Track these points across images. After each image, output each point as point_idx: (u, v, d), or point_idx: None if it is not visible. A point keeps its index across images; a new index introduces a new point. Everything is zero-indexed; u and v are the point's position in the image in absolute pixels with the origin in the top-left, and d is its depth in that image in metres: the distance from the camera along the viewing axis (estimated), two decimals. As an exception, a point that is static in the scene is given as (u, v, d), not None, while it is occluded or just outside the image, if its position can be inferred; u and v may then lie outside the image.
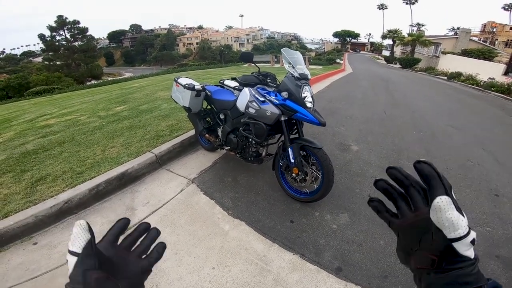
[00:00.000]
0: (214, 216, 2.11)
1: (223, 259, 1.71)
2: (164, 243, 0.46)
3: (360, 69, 17.79)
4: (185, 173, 2.72)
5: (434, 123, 5.11)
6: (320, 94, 7.18)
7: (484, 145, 3.98)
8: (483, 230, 2.03)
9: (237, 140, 2.44)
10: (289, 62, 2.06)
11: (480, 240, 1.91)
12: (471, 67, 15.76)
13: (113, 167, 2.47)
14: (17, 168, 2.58)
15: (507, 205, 2.38)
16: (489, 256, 1.77)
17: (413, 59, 24.26)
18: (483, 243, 1.89)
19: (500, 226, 2.08)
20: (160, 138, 3.11)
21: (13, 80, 21.41)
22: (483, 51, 19.85)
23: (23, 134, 3.75)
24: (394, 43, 31.53)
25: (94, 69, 33.70)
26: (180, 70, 17.90)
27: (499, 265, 1.70)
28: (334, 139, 3.80)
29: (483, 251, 1.81)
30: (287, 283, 1.55)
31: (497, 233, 2.00)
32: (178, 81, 2.79)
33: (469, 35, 25.53)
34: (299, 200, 2.23)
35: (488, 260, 1.74)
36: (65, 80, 23.13)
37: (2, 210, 1.94)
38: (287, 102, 2.00)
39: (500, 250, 1.82)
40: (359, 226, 2.02)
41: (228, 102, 2.53)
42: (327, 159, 1.96)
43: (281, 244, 1.84)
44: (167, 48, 68.60)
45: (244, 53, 2.31)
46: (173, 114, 4.09)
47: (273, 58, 17.40)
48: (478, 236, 1.93)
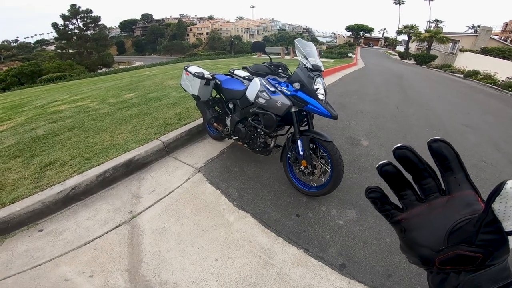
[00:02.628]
0: (219, 206, 2.10)
1: (227, 251, 1.70)
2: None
3: (373, 64, 17.35)
4: (192, 161, 2.71)
5: (448, 121, 4.95)
6: (331, 88, 7.03)
7: (498, 146, 3.85)
8: None
9: (245, 130, 2.41)
10: (302, 53, 2.00)
11: None
12: (490, 66, 15.20)
13: (120, 153, 2.47)
14: (27, 152, 2.61)
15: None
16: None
17: (429, 56, 23.49)
18: None
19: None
20: (168, 126, 3.10)
21: (26, 67, 21.71)
22: (503, 50, 19.12)
23: (34, 119, 3.79)
24: (409, 39, 30.56)
25: (106, 57, 33.95)
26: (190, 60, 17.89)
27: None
28: (344, 133, 3.73)
29: None
30: (290, 278, 1.54)
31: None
32: (188, 69, 2.77)
33: (490, 34, 24.45)
34: (306, 194, 2.20)
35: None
36: (76, 68, 23.40)
37: (10, 195, 1.94)
38: (299, 93, 1.95)
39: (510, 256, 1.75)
40: (365, 223, 1.97)
41: (237, 92, 2.50)
42: (337, 152, 1.91)
43: (285, 238, 1.82)
44: (177, 37, 68.47)
45: (256, 42, 2.26)
46: (182, 102, 4.08)
47: (284, 50, 17.18)
48: None
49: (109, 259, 1.61)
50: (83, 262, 1.58)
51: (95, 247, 1.69)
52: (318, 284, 1.50)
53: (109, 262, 1.59)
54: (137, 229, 1.85)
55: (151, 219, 1.94)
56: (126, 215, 1.96)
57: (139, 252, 1.66)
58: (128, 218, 1.94)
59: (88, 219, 1.92)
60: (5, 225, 1.75)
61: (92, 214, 1.96)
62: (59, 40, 33.98)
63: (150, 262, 1.60)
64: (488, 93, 10.10)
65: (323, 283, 1.51)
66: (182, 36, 70.44)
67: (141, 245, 1.72)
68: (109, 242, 1.73)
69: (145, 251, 1.67)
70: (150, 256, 1.63)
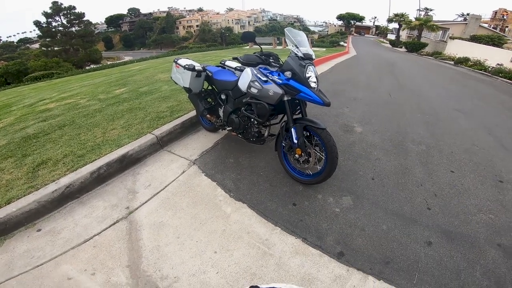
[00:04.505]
0: (215, 198, 2.10)
1: (225, 243, 1.70)
2: None
3: (365, 52, 17.33)
4: (186, 154, 2.69)
5: (440, 107, 5.01)
6: (323, 76, 7.02)
7: (490, 130, 3.91)
8: (486, 217, 1.99)
9: (239, 120, 2.39)
10: (293, 42, 1.98)
11: (482, 228, 1.88)
12: (479, 53, 15.37)
13: (114, 149, 2.43)
14: (18, 153, 2.55)
15: (510, 192, 2.34)
16: (491, 244, 1.74)
17: (420, 43, 23.56)
18: (484, 231, 1.86)
19: (503, 214, 2.04)
20: (160, 120, 3.06)
21: (11, 67, 21.13)
22: (493, 38, 19.36)
23: (23, 118, 3.70)
24: (400, 27, 30.54)
25: (93, 53, 33.18)
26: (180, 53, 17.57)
27: (500, 254, 1.67)
28: (338, 120, 3.74)
29: (484, 239, 1.78)
30: (289, 267, 1.55)
31: (499, 221, 1.96)
32: (178, 62, 2.73)
33: (479, 21, 24.72)
34: (301, 182, 2.21)
35: (489, 248, 1.71)
36: (63, 65, 22.78)
37: (5, 196, 1.90)
38: (291, 81, 1.93)
39: (502, 239, 1.79)
40: (361, 210, 1.99)
41: (229, 83, 2.47)
42: (331, 139, 1.91)
43: (283, 227, 1.82)
44: (167, 31, 67.03)
45: (246, 32, 2.25)
46: (174, 96, 4.03)
47: (275, 40, 17.03)
48: (481, 223, 1.89)
49: (109, 256, 1.60)
50: (83, 260, 1.58)
51: (94, 244, 1.68)
52: (317, 273, 1.51)
53: (110, 259, 1.58)
54: (135, 224, 1.84)
55: (148, 214, 1.93)
56: (123, 211, 1.95)
57: (139, 248, 1.66)
58: (125, 214, 1.93)
59: (85, 217, 1.90)
60: (3, 226, 1.73)
61: (89, 212, 1.94)
62: (43, 38, 33.05)
63: (150, 257, 1.60)
64: (478, 79, 10.21)
65: (322, 271, 1.52)
66: (172, 29, 68.97)
67: (140, 240, 1.71)
68: (108, 239, 1.72)
69: (144, 246, 1.67)
70: (150, 251, 1.63)
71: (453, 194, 2.24)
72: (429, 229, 1.84)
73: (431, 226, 1.87)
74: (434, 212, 2.01)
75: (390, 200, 2.12)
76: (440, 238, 1.77)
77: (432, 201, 2.14)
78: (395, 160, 2.75)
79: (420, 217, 1.95)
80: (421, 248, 1.68)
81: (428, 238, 1.76)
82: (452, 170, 2.62)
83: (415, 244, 1.71)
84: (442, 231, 1.83)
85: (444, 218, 1.95)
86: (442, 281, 1.48)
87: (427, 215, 1.98)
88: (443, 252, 1.66)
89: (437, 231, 1.83)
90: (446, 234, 1.81)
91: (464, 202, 2.15)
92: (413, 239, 1.75)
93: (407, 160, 2.77)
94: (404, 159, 2.78)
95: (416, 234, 1.79)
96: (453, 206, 2.09)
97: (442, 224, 1.89)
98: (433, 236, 1.78)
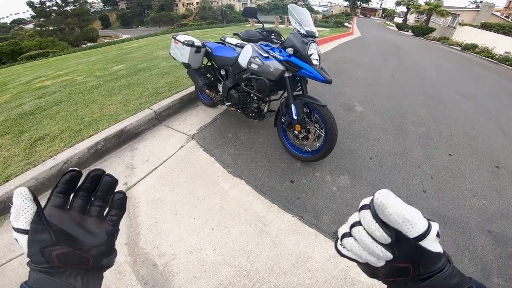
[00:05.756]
0: (214, 174, 2.09)
1: (223, 220, 1.70)
2: (123, 192, 0.37)
3: (369, 34, 16.80)
4: (185, 129, 2.67)
5: (443, 90, 4.93)
6: (326, 55, 6.84)
7: (491, 115, 3.88)
8: (479, 202, 2.00)
9: (238, 96, 2.36)
10: (296, 19, 1.92)
11: (474, 213, 1.89)
12: (488, 40, 14.98)
13: (111, 124, 2.41)
14: (15, 129, 2.52)
15: (506, 178, 2.34)
16: (481, 230, 1.75)
17: (427, 28, 22.82)
18: (476, 216, 1.86)
19: (496, 200, 2.04)
20: (159, 95, 3.02)
21: (5, 47, 20.62)
22: (504, 26, 18.74)
23: (19, 96, 3.65)
24: (408, 10, 29.46)
25: (89, 32, 32.25)
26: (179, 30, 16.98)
27: (489, 241, 1.67)
28: (338, 99, 3.70)
29: (475, 225, 1.78)
30: (285, 245, 1.55)
31: (492, 207, 1.96)
32: (177, 38, 2.67)
33: (492, 9, 23.72)
34: (300, 159, 2.21)
35: (479, 234, 1.71)
36: (59, 44, 22.12)
37: (3, 174, 1.88)
38: (292, 58, 1.89)
39: (492, 225, 1.80)
40: (358, 190, 1.99)
41: (229, 59, 2.42)
42: (331, 117, 1.89)
43: (280, 205, 1.82)
44: (166, 8, 64.79)
45: (247, 8, 2.16)
46: (172, 72, 3.95)
47: (278, 18, 16.49)
48: (474, 208, 1.87)
49: None
50: None
51: None
52: (312, 252, 1.51)
53: None
54: (133, 201, 1.83)
55: (146, 189, 1.93)
56: (121, 187, 1.93)
57: (137, 225, 1.66)
58: (123, 190, 1.92)
59: (83, 194, 1.90)
60: (2, 205, 1.71)
61: (86, 188, 1.94)
62: (37, 18, 32.02)
63: (148, 234, 1.60)
64: (485, 66, 10.00)
65: (317, 250, 1.52)
66: (171, 7, 66.66)
67: (138, 217, 1.71)
68: None
69: (143, 223, 1.67)
70: (148, 228, 1.63)
71: (449, 178, 2.24)
72: (423, 211, 1.80)
73: (425, 209, 1.87)
74: (429, 195, 2.02)
75: (387, 180, 2.13)
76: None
77: (428, 183, 2.14)
78: (394, 141, 2.73)
79: (416, 199, 1.95)
80: (414, 231, 1.70)
81: (422, 221, 1.78)
82: (450, 154, 2.61)
83: (408, 227, 1.73)
84: (436, 214, 1.84)
85: (438, 202, 1.96)
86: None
87: (422, 197, 1.98)
88: (434, 236, 1.68)
89: (431, 214, 1.84)
90: (439, 217, 1.82)
91: (459, 186, 2.16)
92: (407, 221, 1.77)
93: (406, 141, 2.75)
94: (403, 140, 2.77)
95: (411, 217, 1.81)
96: (448, 190, 2.09)
97: (436, 208, 1.90)
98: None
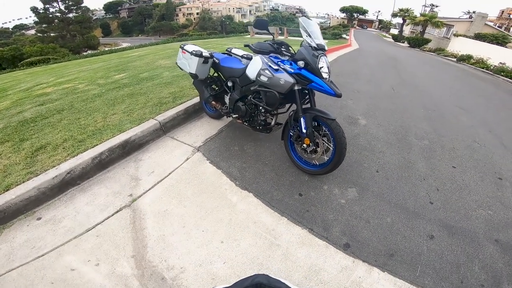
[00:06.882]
0: (221, 187, 2.07)
1: (232, 232, 1.68)
2: None
3: (367, 46, 17.15)
4: (190, 141, 2.65)
5: (442, 103, 5.00)
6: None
7: (490, 128, 3.93)
8: (485, 213, 2.02)
9: (245, 108, 2.36)
10: (306, 32, 1.94)
11: (481, 223, 1.91)
12: (483, 51, 15.25)
13: (115, 134, 2.37)
14: (16, 137, 2.46)
15: (509, 189, 2.37)
16: (489, 239, 1.77)
17: (423, 39, 23.35)
18: (483, 226, 1.89)
19: (501, 210, 2.07)
20: (163, 105, 3.00)
21: (6, 52, 20.63)
22: (497, 36, 19.23)
23: (20, 102, 3.59)
24: (404, 22, 30.22)
25: (90, 39, 32.60)
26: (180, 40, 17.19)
27: (497, 249, 1.70)
28: (342, 112, 3.72)
29: (483, 234, 1.81)
30: (296, 258, 1.54)
31: (497, 217, 1.99)
32: (185, 47, 2.67)
33: (485, 20, 24.30)
34: (308, 172, 2.19)
35: (487, 243, 1.74)
36: (60, 50, 22.23)
37: (3, 182, 1.82)
38: (303, 71, 1.90)
39: (499, 234, 1.82)
40: (366, 202, 2.00)
41: (237, 70, 2.42)
42: (340, 130, 1.89)
43: (289, 218, 1.81)
44: (166, 18, 65.72)
45: (259, 19, 2.14)
46: (176, 82, 3.95)
47: (277, 30, 16.80)
48: (480, 219, 1.92)
49: (113, 246, 1.55)
50: (87, 250, 1.53)
51: (97, 233, 1.63)
52: (323, 264, 1.51)
53: (114, 249, 1.54)
54: (138, 213, 1.79)
55: (152, 202, 1.89)
56: (126, 198, 1.90)
57: (143, 237, 1.61)
58: (128, 202, 1.88)
59: (87, 205, 1.84)
60: (2, 215, 1.65)
61: (90, 199, 1.88)
62: (39, 24, 32.36)
63: (155, 247, 1.56)
64: (480, 77, 10.19)
65: (329, 262, 1.52)
66: (171, 16, 67.63)
67: (144, 229, 1.67)
68: (111, 228, 1.67)
69: (149, 235, 1.63)
70: (155, 241, 1.59)
71: (454, 189, 2.27)
72: (431, 223, 1.86)
73: (433, 220, 1.89)
74: (436, 206, 2.03)
75: (394, 193, 2.13)
76: (442, 232, 1.79)
77: (434, 195, 2.15)
78: (398, 153, 2.74)
79: (424, 211, 1.96)
80: (424, 242, 1.70)
81: (431, 232, 1.78)
82: (454, 166, 2.63)
83: (418, 238, 1.73)
84: (443, 225, 1.85)
85: (445, 213, 1.97)
86: (443, 274, 1.50)
87: (429, 209, 2.00)
88: (444, 246, 1.68)
89: (439, 225, 1.85)
90: (447, 228, 1.83)
91: (464, 197, 2.18)
92: (416, 232, 1.77)
93: (411, 154, 2.76)
94: (407, 153, 2.77)
95: (419, 228, 1.81)
96: (454, 201, 2.12)
97: (444, 219, 1.92)
98: (435, 230, 1.80)
